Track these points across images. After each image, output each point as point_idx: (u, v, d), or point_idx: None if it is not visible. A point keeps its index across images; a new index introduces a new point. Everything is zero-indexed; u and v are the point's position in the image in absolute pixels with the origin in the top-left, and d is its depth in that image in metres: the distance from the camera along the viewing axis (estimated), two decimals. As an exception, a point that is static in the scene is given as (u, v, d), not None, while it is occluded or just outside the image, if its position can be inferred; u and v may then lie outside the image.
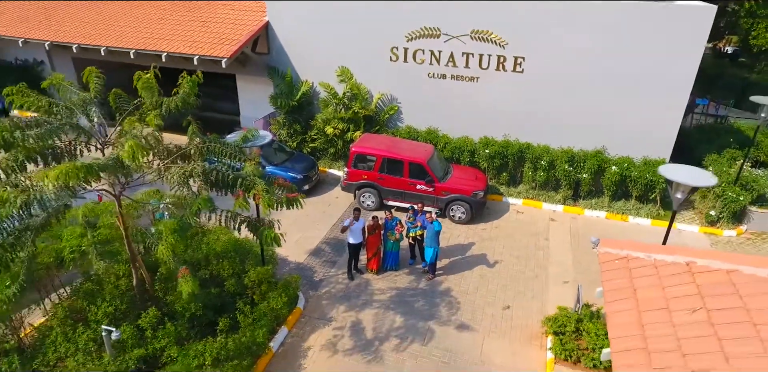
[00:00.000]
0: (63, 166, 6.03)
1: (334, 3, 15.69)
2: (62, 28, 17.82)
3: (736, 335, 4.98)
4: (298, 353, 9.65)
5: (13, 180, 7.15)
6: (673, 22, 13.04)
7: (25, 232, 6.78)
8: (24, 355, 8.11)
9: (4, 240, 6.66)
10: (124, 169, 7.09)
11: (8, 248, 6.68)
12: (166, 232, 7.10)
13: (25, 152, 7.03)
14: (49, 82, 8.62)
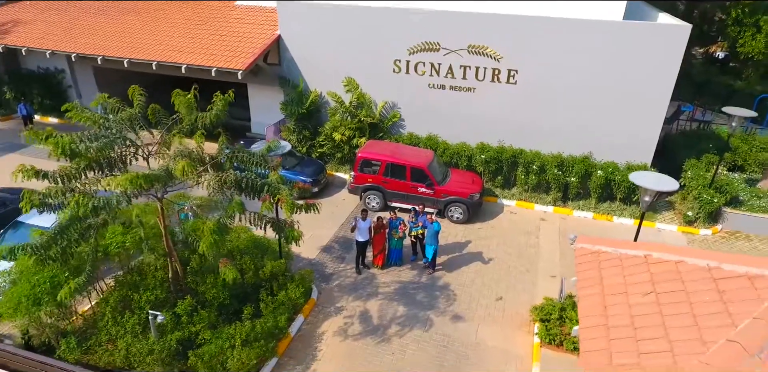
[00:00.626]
0: (128, 176, 7.27)
1: (342, 19, 16.92)
2: (86, 40, 19.04)
3: (676, 312, 6.20)
4: (314, 338, 10.89)
5: (71, 185, 8.40)
6: (652, 40, 14.29)
7: (88, 230, 8.01)
8: (77, 336, 9.34)
9: (70, 236, 7.88)
10: (172, 179, 8.29)
11: (74, 243, 7.90)
12: (207, 232, 8.32)
13: (86, 161, 8.25)
14: (96, 102, 9.79)
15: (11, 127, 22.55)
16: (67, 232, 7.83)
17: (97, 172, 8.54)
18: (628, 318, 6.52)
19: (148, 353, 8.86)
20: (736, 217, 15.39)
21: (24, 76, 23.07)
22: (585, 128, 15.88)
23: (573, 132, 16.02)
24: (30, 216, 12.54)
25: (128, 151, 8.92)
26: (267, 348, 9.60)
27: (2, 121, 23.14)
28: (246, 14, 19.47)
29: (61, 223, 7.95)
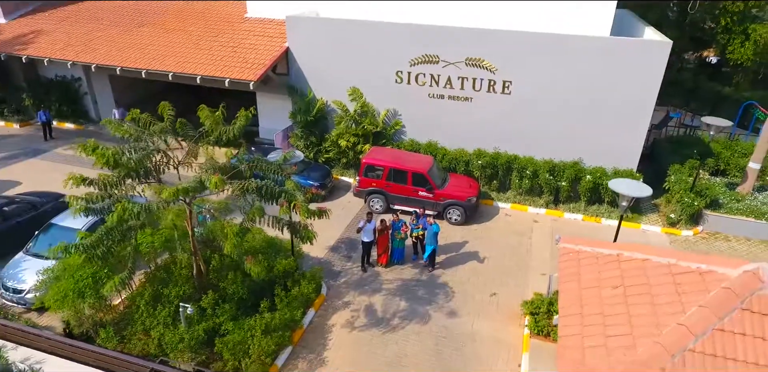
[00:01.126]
0: (173, 188, 8.34)
1: (346, 32, 18.01)
2: (104, 51, 20.11)
3: (639, 302, 7.30)
4: (324, 329, 11.98)
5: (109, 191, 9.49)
6: (636, 55, 15.39)
7: (129, 232, 9.10)
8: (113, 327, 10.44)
9: (114, 237, 8.97)
10: (205, 190, 9.33)
11: (116, 244, 8.99)
12: (230, 234, 9.40)
13: (126, 171, 9.34)
14: (130, 117, 10.84)
15: (30, 133, 23.65)
16: (112, 233, 8.91)
17: (134, 179, 9.62)
18: (599, 307, 7.62)
19: (179, 341, 9.95)
20: (716, 219, 16.47)
21: (42, 84, 24.13)
22: (575, 136, 16.96)
23: (563, 139, 17.11)
24: (62, 218, 13.66)
25: (161, 161, 10.00)
26: (284, 337, 10.70)
27: (21, 126, 24.25)
28: (255, 26, 20.55)
29: (107, 225, 9.01)
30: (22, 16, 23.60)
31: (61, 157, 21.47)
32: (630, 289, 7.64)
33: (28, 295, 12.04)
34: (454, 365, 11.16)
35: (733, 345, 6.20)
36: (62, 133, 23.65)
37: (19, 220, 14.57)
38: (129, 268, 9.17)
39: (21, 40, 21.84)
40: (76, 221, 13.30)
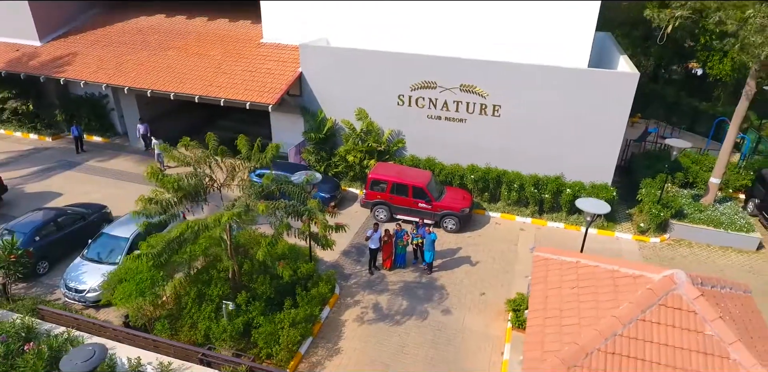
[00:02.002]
0: (230, 213, 10.47)
1: (354, 60, 20.18)
2: (135, 74, 22.27)
3: (587, 299, 9.47)
4: (338, 323, 14.16)
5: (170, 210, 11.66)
6: (609, 84, 17.58)
7: (185, 243, 11.27)
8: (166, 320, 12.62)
9: (173, 247, 11.14)
10: (250, 211, 11.46)
11: (175, 252, 11.17)
12: (263, 244, 11.57)
13: (183, 193, 11.51)
14: (184, 142, 12.94)
15: (62, 146, 25.83)
16: (172, 244, 11.09)
17: (188, 200, 11.77)
18: (559, 304, 9.81)
19: (222, 332, 12.12)
20: (681, 227, 18.67)
21: (72, 100, 26.33)
22: (556, 154, 19.13)
23: (547, 156, 19.28)
24: (112, 228, 15.86)
25: (208, 183, 12.15)
26: (306, 329, 12.88)
27: (54, 139, 26.43)
28: (271, 51, 22.69)
29: (168, 238, 11.17)
30: (55, 39, 25.73)
31: (94, 169, 23.65)
32: (582, 289, 9.83)
33: (88, 294, 14.24)
34: (448, 354, 13.34)
35: (650, 331, 8.39)
36: (91, 145, 25.82)
37: (71, 229, 16.78)
38: (186, 272, 11.34)
39: (57, 62, 24.00)
40: (123, 230, 15.59)
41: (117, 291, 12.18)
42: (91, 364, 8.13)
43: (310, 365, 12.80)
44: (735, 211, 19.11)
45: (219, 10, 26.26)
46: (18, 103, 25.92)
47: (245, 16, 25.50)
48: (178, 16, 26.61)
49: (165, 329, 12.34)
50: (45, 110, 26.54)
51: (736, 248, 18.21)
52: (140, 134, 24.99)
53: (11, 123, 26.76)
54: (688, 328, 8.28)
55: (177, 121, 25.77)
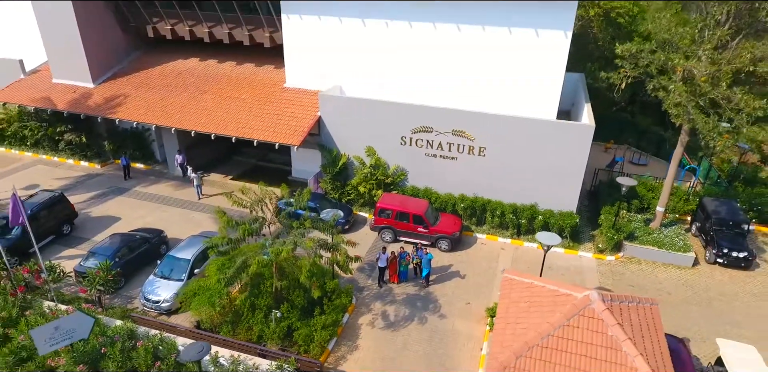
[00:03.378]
0: (287, 249, 14.64)
1: (364, 107, 24.36)
2: (179, 116, 26.41)
3: (535, 311, 13.65)
4: (355, 327, 18.33)
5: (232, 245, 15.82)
6: (570, 133, 21.77)
7: (246, 268, 15.43)
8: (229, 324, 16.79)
9: (239, 270, 15.31)
10: (296, 246, 15.61)
11: (240, 274, 15.35)
12: (305, 269, 15.72)
13: (244, 232, 15.66)
14: (241, 190, 17.14)
15: (110, 172, 30.02)
16: (240, 269, 15.26)
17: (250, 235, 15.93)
18: (516, 314, 13.99)
19: (272, 333, 16.28)
20: (632, 247, 22.83)
21: (119, 133, 30.52)
22: (531, 187, 23.29)
23: (523, 189, 23.44)
24: (176, 251, 19.98)
25: (263, 222, 16.31)
26: (333, 331, 17.05)
27: (102, 167, 30.61)
28: (294, 96, 26.84)
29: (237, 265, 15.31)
30: (105, 81, 29.91)
31: (141, 194, 27.83)
32: (531, 303, 14.02)
33: (162, 304, 18.40)
34: (440, 350, 17.50)
35: (572, 333, 12.57)
36: (135, 172, 30.00)
37: (139, 251, 20.95)
38: (249, 290, 15.52)
39: (110, 103, 28.19)
40: (185, 253, 19.75)
41: (193, 302, 16.34)
42: (202, 355, 12.30)
43: (336, 358, 16.97)
44: (677, 233, 23.29)
45: (245, 55, 30.36)
46: (73, 136, 30.13)
47: (269, 61, 29.67)
48: (209, 59, 30.77)
49: (229, 331, 16.50)
50: (94, 141, 30.77)
51: (676, 265, 22.37)
52: (178, 163, 29.19)
53: (65, 152, 30.95)
54: (596, 331, 12.47)
55: (206, 149, 29.85)
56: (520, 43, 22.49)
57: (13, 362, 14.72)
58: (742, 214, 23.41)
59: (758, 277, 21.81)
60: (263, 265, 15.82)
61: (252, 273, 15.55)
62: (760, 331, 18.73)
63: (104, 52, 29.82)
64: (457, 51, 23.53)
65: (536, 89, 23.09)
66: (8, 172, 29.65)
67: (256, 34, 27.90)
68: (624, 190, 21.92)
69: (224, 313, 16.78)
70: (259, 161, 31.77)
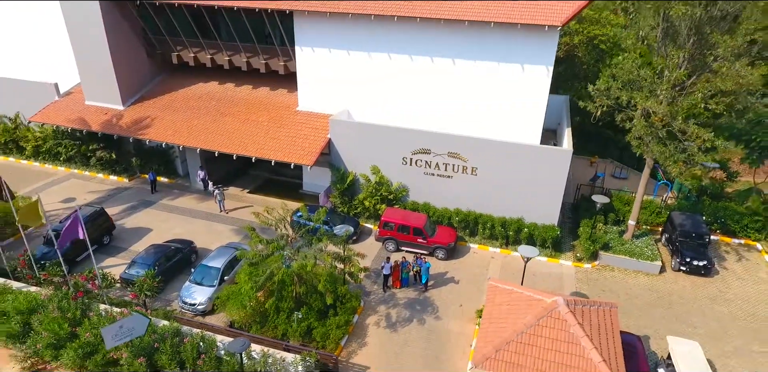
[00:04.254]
0: (310, 263, 17.66)
1: (370, 131, 27.38)
2: (204, 137, 29.40)
3: (513, 313, 16.68)
4: (364, 326, 21.35)
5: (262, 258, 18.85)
6: (551, 157, 24.80)
7: (272, 277, 18.45)
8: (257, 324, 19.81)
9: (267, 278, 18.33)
10: (317, 260, 18.60)
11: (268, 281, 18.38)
12: (322, 278, 18.73)
13: (273, 248, 18.67)
14: (266, 208, 20.15)
15: (138, 186, 33.03)
16: (269, 277, 18.27)
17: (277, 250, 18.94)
18: (498, 315, 17.05)
19: (294, 332, 19.29)
20: (607, 256, 25.85)
21: (146, 150, 33.51)
22: (517, 203, 26.30)
23: (510, 205, 26.46)
24: (207, 261, 22.99)
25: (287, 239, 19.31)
26: (345, 330, 20.07)
27: (130, 180, 33.63)
28: (306, 119, 29.85)
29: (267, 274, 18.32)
30: (134, 103, 32.91)
31: (168, 207, 30.84)
32: (511, 307, 17.05)
33: (198, 307, 21.40)
34: (436, 346, 20.52)
35: (541, 330, 15.60)
36: (160, 186, 33.00)
37: (174, 260, 23.96)
38: (276, 295, 18.53)
39: (139, 124, 31.20)
40: (216, 262, 22.75)
41: (228, 305, 19.37)
42: (244, 348, 15.35)
43: (348, 353, 19.99)
44: (647, 244, 26.31)
45: (260, 79, 33.31)
46: (104, 153, 33.17)
47: (282, 85, 32.69)
48: (228, 83, 33.79)
49: (257, 330, 19.52)
50: (123, 157, 33.78)
51: (644, 272, 25.39)
52: (200, 178, 32.21)
53: (95, 167, 33.97)
54: (560, 329, 15.50)
55: (224, 164, 32.79)
56: (508, 75, 25.55)
57: (81, 355, 17.76)
58: (704, 227, 26.42)
59: (716, 283, 24.84)
60: (287, 275, 18.84)
61: (278, 281, 18.56)
62: (711, 330, 21.76)
63: (132, 76, 32.82)
64: (452, 81, 26.58)
65: (522, 116, 26.15)
66: (46, 185, 32.65)
67: (271, 63, 30.92)
68: (598, 207, 24.94)
69: (253, 314, 19.77)
70: (272, 175, 34.73)
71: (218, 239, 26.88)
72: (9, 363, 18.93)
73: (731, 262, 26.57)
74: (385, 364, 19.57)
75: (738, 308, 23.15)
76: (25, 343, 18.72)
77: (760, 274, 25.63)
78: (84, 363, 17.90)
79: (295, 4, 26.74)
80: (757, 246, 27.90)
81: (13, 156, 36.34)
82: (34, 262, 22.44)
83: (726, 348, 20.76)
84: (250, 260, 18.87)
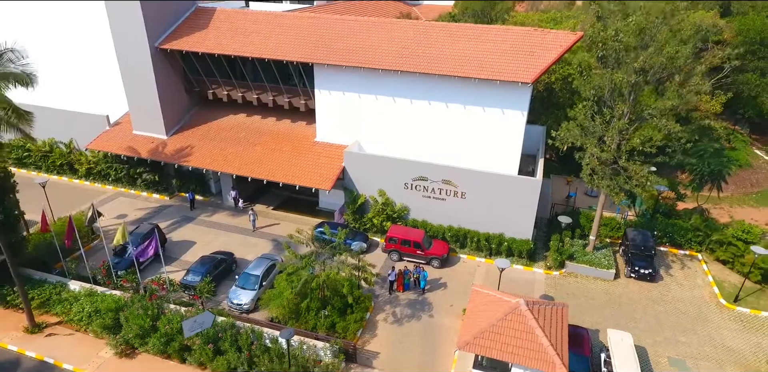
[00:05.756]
0: (333, 273, 23.37)
1: (378, 161, 33.13)
2: (238, 165, 35.11)
3: (491, 311, 22.43)
4: (374, 322, 27.09)
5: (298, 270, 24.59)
6: (522, 185, 30.57)
7: (306, 284, 24.17)
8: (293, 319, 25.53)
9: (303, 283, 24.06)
10: (339, 270, 24.32)
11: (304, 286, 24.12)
12: (346, 283, 24.45)
13: (307, 262, 24.39)
14: (297, 230, 25.93)
15: (177, 203, 38.74)
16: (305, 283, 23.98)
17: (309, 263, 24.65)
18: (477, 313, 22.85)
19: (321, 325, 25.01)
20: (572, 265, 31.60)
21: (184, 172, 39.23)
22: (499, 221, 32.06)
23: (493, 222, 32.21)
24: (250, 269, 28.70)
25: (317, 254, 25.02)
26: (360, 324, 25.82)
27: (170, 198, 39.35)
28: (324, 149, 35.58)
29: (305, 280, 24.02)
30: (175, 133, 38.63)
31: (206, 222, 36.54)
32: (487, 306, 22.81)
33: (243, 306, 27.10)
34: (432, 337, 26.24)
35: (507, 323, 21.37)
36: (197, 203, 38.70)
37: (220, 268, 29.68)
38: (310, 296, 24.25)
39: (181, 152, 36.93)
40: (256, 271, 28.48)
41: (271, 305, 25.08)
42: (291, 335, 21.09)
43: (363, 342, 25.72)
44: (605, 255, 32.06)
45: (281, 112, 39.00)
46: (149, 175, 38.89)
47: (301, 118, 38.40)
48: (254, 115, 39.50)
49: (293, 324, 25.24)
50: (164, 178, 39.50)
51: (601, 278, 31.14)
52: (232, 197, 37.93)
53: (140, 186, 39.69)
54: (521, 322, 21.25)
55: (250, 184, 38.43)
56: (491, 118, 31.33)
57: (163, 343, 23.49)
58: (652, 241, 32.17)
59: (659, 288, 30.60)
60: (317, 282, 24.58)
61: (313, 287, 24.33)
62: (649, 324, 27.51)
63: (174, 110, 38.55)
64: (445, 121, 32.36)
65: (502, 150, 31.92)
66: (99, 203, 38.31)
67: (293, 101, 36.67)
68: (564, 225, 30.70)
69: (290, 312, 25.48)
70: (292, 194, 40.43)
71: (252, 251, 32.60)
72: (104, 349, 24.67)
73: (675, 270, 32.35)
74: (392, 350, 25.30)
75: (673, 308, 28.92)
76: (117, 334, 24.41)
77: (696, 281, 31.41)
78: (165, 348, 23.63)
79: (316, 57, 32.56)
80: (699, 256, 33.69)
81: (66, 176, 42.04)
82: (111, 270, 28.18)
83: (657, 338, 26.51)
84: (288, 271, 24.58)
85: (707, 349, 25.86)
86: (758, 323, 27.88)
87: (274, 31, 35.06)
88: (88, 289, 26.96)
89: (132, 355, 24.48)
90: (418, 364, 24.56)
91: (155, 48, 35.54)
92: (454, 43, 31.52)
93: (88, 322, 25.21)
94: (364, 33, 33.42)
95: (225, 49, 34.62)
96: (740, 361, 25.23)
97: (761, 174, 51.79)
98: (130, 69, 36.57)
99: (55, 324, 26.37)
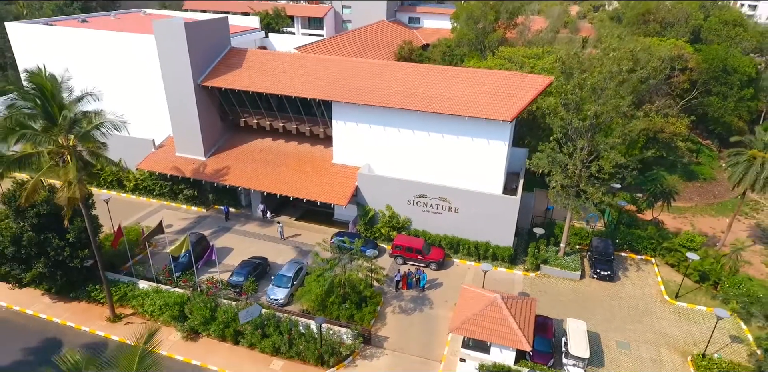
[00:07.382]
0: (353, 274, 30.11)
1: (387, 182, 39.89)
2: (268, 183, 41.80)
3: (476, 305, 29.20)
4: (384, 314, 33.85)
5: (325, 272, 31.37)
6: (503, 202, 37.42)
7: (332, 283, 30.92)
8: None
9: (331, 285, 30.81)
10: (357, 272, 31.02)
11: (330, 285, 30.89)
12: (364, 284, 31.16)
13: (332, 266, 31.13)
14: (318, 243, 32.69)
15: (213, 215, 45.47)
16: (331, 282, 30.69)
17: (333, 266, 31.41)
18: (465, 306, 29.70)
19: (343, 316, 31.73)
20: (546, 268, 38.33)
21: (219, 188, 45.97)
22: (485, 232, 38.77)
23: (481, 232, 38.94)
24: (283, 271, 35.48)
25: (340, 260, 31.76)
26: (373, 315, 32.58)
27: (207, 210, 46.09)
28: (339, 170, 42.30)
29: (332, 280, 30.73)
30: (212, 155, 45.38)
31: (240, 231, 43.28)
32: (473, 301, 29.60)
33: (279, 301, 33.83)
34: (432, 326, 32.97)
35: (487, 313, 28.15)
36: (230, 215, 45.44)
37: (257, 270, 36.43)
38: (336, 292, 30.95)
39: (219, 172, 43.68)
40: (288, 272, 35.28)
41: (304, 300, 31.83)
42: (323, 321, 27.89)
43: (375, 329, 32.45)
44: (573, 260, 38.78)
45: (303, 138, 45.70)
46: (189, 191, 45.65)
47: (320, 142, 45.12)
48: (279, 139, 46.23)
49: (320, 314, 31.97)
50: (202, 193, 46.24)
51: (570, 279, 37.88)
52: (261, 210, 44.67)
53: (181, 200, 46.43)
54: (497, 312, 28.01)
55: (275, 197, 45.21)
56: (479, 146, 38.08)
57: (221, 328, 30.30)
58: (611, 248, 38.92)
59: (616, 286, 37.35)
60: (340, 281, 31.31)
61: (336, 285, 31.09)
62: (604, 316, 34.24)
63: (211, 135, 45.29)
64: (441, 148, 39.10)
65: (488, 173, 38.67)
66: (146, 214, 45.05)
67: (313, 129, 43.44)
68: (538, 235, 37.51)
69: (318, 305, 32.19)
70: (310, 206, 47.19)
71: (281, 256, 39.33)
72: (172, 333, 31.43)
73: (631, 272, 39.11)
74: (399, 335, 32.06)
75: (625, 302, 35.68)
76: (183, 322, 31.14)
77: (648, 281, 38.17)
78: (223, 333, 30.41)
79: (335, 96, 39.35)
80: (652, 260, 40.45)
81: (115, 190, 48.77)
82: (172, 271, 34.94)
83: (610, 326, 33.26)
84: (316, 273, 31.33)
85: (648, 335, 32.62)
86: (692, 315, 34.65)
87: (297, 72, 41.85)
88: (154, 287, 33.70)
89: (195, 339, 31.24)
90: (420, 344, 31.32)
91: (198, 84, 42.30)
92: (448, 84, 38.34)
93: (160, 313, 31.90)
94: (374, 75, 40.25)
95: (257, 87, 41.39)
96: (673, 343, 32.00)
97: (723, 186, 58.64)
98: (176, 101, 43.31)
99: (130, 315, 33.11)
